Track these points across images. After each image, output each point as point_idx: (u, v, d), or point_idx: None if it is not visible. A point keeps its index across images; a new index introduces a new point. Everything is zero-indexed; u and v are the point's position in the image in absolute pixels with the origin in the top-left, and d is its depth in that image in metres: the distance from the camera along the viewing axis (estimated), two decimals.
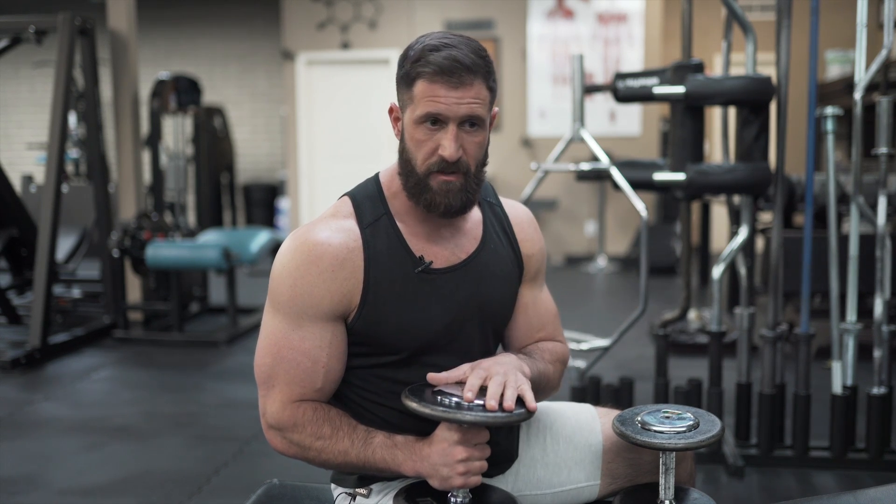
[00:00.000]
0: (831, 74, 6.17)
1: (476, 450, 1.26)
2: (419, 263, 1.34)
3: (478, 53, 1.28)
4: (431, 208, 1.32)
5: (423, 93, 1.27)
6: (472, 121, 1.29)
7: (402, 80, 1.31)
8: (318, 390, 1.33)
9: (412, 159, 1.31)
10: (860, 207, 2.84)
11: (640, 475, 1.49)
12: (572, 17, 7.80)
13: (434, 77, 1.25)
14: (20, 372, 4.22)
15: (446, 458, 1.25)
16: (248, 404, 3.67)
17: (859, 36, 2.73)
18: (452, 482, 1.25)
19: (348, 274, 1.31)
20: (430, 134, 1.29)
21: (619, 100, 2.99)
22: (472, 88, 1.26)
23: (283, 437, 1.33)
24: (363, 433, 1.32)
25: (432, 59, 1.25)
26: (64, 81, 4.72)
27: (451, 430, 1.26)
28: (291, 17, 8.24)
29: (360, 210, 1.36)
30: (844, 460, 2.86)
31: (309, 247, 1.31)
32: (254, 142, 9.99)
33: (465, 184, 1.31)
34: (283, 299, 1.32)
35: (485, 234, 1.43)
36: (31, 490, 2.79)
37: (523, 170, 7.62)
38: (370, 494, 1.39)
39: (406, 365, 1.36)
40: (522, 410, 1.25)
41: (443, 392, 1.28)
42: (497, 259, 1.43)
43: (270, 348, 1.33)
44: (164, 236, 5.04)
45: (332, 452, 1.31)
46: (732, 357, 3.45)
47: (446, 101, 1.26)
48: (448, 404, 1.24)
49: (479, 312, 1.40)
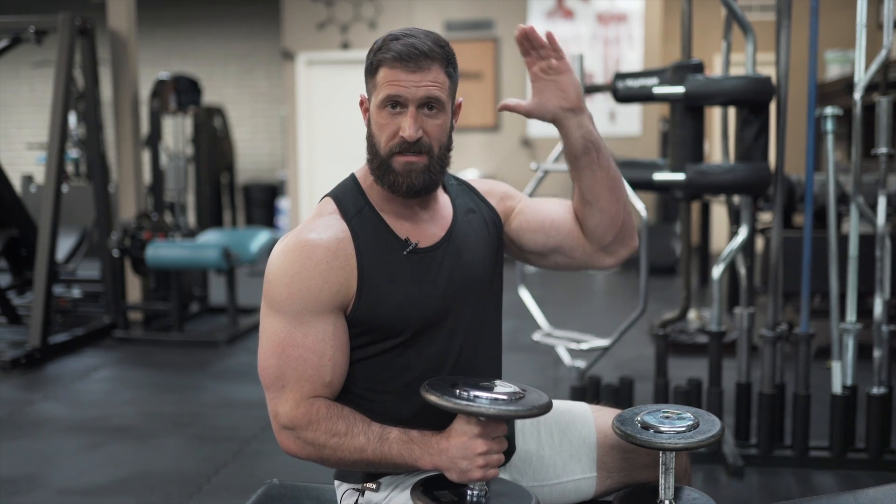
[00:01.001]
0: (831, 74, 6.17)
1: (495, 443, 1.28)
2: (406, 245, 1.39)
3: (436, 42, 1.36)
4: (394, 188, 1.37)
5: (384, 78, 1.34)
6: (430, 103, 1.35)
7: (367, 71, 1.39)
8: (327, 384, 1.35)
9: (377, 143, 1.38)
10: (860, 207, 2.84)
11: (635, 469, 1.51)
12: (572, 17, 7.80)
13: (394, 63, 1.33)
14: (20, 372, 4.22)
15: (465, 451, 1.26)
16: (248, 404, 3.68)
17: (859, 36, 2.73)
18: (471, 475, 1.26)
19: (342, 263, 1.35)
20: (392, 117, 1.35)
21: (618, 100, 2.99)
22: (429, 72, 1.33)
23: (296, 437, 1.34)
24: (378, 429, 1.32)
25: (392, 47, 1.34)
26: (64, 81, 4.72)
27: (471, 423, 1.27)
28: (291, 17, 8.24)
29: (343, 205, 1.41)
30: (844, 460, 2.86)
31: (300, 245, 1.35)
32: (254, 142, 9.99)
33: (428, 164, 1.37)
34: (280, 298, 1.34)
35: (455, 210, 1.49)
36: (31, 490, 2.79)
37: (523, 170, 7.63)
38: (379, 489, 1.40)
39: (407, 347, 1.39)
40: (544, 402, 1.27)
41: (461, 385, 1.29)
42: (470, 228, 1.48)
43: (275, 349, 1.34)
44: (164, 236, 5.04)
45: (348, 449, 1.31)
46: (732, 357, 3.45)
47: (405, 83, 1.33)
48: (468, 397, 1.25)
49: (465, 282, 1.44)
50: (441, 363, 1.41)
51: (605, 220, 1.46)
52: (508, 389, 1.29)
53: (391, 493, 1.39)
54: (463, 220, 1.48)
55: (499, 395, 1.27)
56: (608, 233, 1.47)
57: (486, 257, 1.49)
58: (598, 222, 1.46)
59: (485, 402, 1.24)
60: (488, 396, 1.26)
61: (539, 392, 1.33)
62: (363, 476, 1.40)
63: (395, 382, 1.39)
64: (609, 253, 1.51)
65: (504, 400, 1.26)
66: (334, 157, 8.37)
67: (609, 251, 1.50)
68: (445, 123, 1.38)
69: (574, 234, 1.50)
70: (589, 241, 1.50)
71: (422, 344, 1.39)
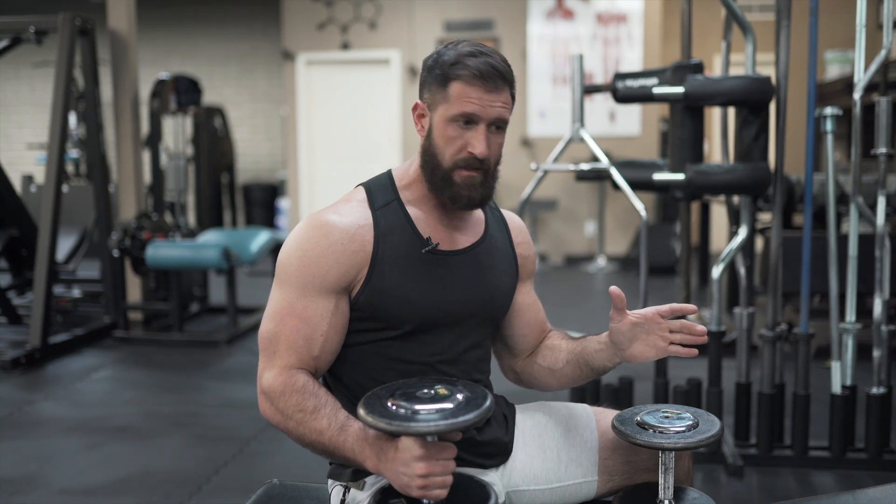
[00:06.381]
0: (830, 75, 6.16)
1: (439, 465, 1.20)
2: (426, 244, 1.41)
3: (507, 64, 1.41)
4: (455, 201, 1.41)
5: (459, 93, 1.36)
6: (499, 123, 1.39)
7: (435, 80, 1.39)
8: (314, 358, 1.38)
9: (439, 154, 1.40)
10: (859, 207, 2.84)
11: (637, 472, 1.51)
12: (572, 17, 7.80)
13: (472, 80, 1.35)
14: (20, 372, 4.22)
15: (406, 468, 1.21)
16: (248, 404, 3.68)
17: (858, 36, 2.73)
18: (410, 492, 1.22)
19: (357, 247, 1.38)
20: (461, 132, 1.38)
21: (618, 100, 2.99)
22: (502, 94, 1.38)
23: (270, 403, 1.36)
24: (343, 419, 1.31)
25: (470, 64, 1.36)
26: (64, 81, 4.72)
27: (416, 443, 1.20)
28: (291, 17, 8.24)
29: (372, 195, 1.44)
30: (844, 460, 2.87)
31: (320, 224, 1.39)
32: (254, 142, 9.99)
33: (485, 179, 1.41)
34: (291, 270, 1.38)
35: (487, 228, 1.53)
36: (31, 490, 2.80)
37: (523, 170, 7.62)
38: (363, 488, 1.40)
39: (404, 340, 1.41)
40: (483, 406, 1.19)
41: (403, 397, 1.22)
42: (498, 253, 1.52)
43: (274, 316, 1.38)
44: (164, 236, 5.04)
45: (308, 428, 1.32)
46: (732, 357, 3.45)
47: (481, 102, 1.36)
48: (404, 415, 1.18)
49: (481, 298, 1.47)
50: (434, 363, 1.43)
51: (543, 386, 1.60)
52: (460, 395, 1.22)
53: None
54: (491, 240, 1.52)
55: (442, 406, 1.19)
56: (534, 384, 1.61)
57: (506, 284, 1.53)
58: (538, 382, 1.60)
59: (420, 419, 1.16)
60: (428, 409, 1.18)
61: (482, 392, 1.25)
62: (350, 475, 1.41)
63: (385, 374, 1.41)
64: (517, 379, 1.65)
65: (446, 411, 1.18)
66: (334, 157, 8.38)
67: (518, 380, 1.64)
68: (503, 142, 1.43)
69: (522, 348, 1.61)
70: (518, 364, 1.62)
71: (419, 341, 1.41)
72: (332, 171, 8.35)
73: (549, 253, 8.06)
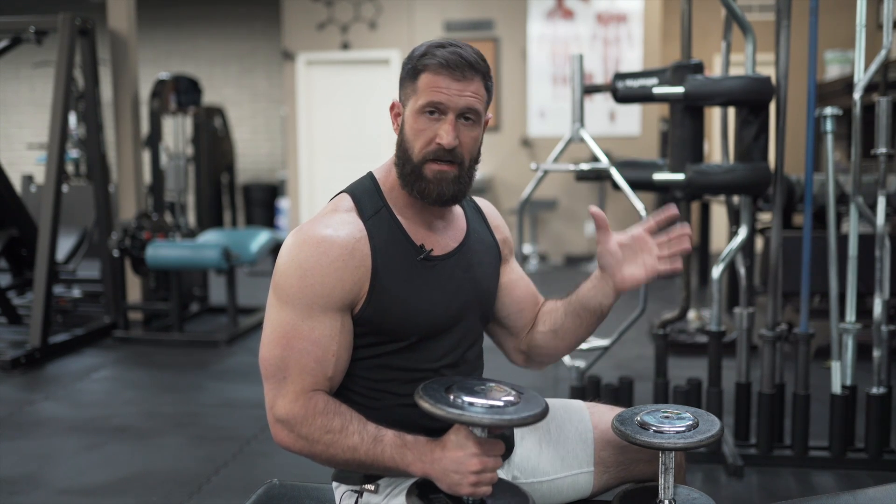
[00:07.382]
0: (830, 74, 6.16)
1: (491, 461, 1.24)
2: (420, 251, 1.39)
3: (479, 55, 1.37)
4: (424, 195, 1.37)
5: (427, 84, 1.34)
6: (469, 114, 1.35)
7: (406, 75, 1.38)
8: (329, 379, 1.34)
9: (410, 148, 1.37)
10: (859, 207, 2.84)
11: (632, 464, 1.52)
12: (572, 17, 7.80)
13: (439, 69, 1.33)
14: (20, 372, 4.22)
15: (459, 466, 1.23)
16: (248, 404, 3.68)
17: (858, 36, 2.73)
18: (461, 490, 1.24)
19: (358, 263, 1.34)
20: (430, 124, 1.35)
21: (618, 100, 2.99)
22: (472, 84, 1.34)
23: (290, 430, 1.32)
24: (373, 430, 1.30)
25: (438, 54, 1.34)
26: (64, 81, 4.72)
27: (469, 439, 1.24)
28: (291, 17, 8.24)
29: (360, 204, 1.40)
30: (844, 460, 2.86)
31: (316, 240, 1.33)
32: (254, 142, 9.99)
33: (458, 175, 1.37)
34: (292, 291, 1.33)
35: (469, 224, 1.52)
36: (31, 490, 2.80)
37: (523, 170, 7.63)
38: (378, 490, 1.39)
39: (412, 351, 1.39)
40: (539, 410, 1.24)
41: (455, 389, 1.26)
42: (481, 246, 1.52)
43: (279, 340, 1.33)
44: (164, 236, 5.04)
45: (341, 448, 1.30)
46: (732, 357, 3.45)
47: (448, 91, 1.33)
48: (461, 405, 1.21)
49: (474, 295, 1.47)
50: (438, 368, 1.42)
51: (552, 352, 1.56)
52: (505, 396, 1.25)
53: (389, 495, 1.39)
54: (474, 235, 1.51)
55: (494, 401, 1.23)
56: (543, 356, 1.58)
57: (493, 276, 1.53)
58: (546, 349, 1.56)
59: (479, 411, 1.20)
60: (484, 404, 1.22)
61: (535, 395, 1.30)
62: (361, 478, 1.39)
63: (395, 384, 1.39)
64: (526, 359, 1.61)
65: (499, 408, 1.22)
66: (334, 157, 8.37)
67: (527, 359, 1.61)
68: (478, 136, 1.39)
69: (521, 325, 1.58)
70: (522, 341, 1.59)
71: (423, 349, 1.40)
72: (331, 171, 8.35)
73: (549, 253, 8.06)
